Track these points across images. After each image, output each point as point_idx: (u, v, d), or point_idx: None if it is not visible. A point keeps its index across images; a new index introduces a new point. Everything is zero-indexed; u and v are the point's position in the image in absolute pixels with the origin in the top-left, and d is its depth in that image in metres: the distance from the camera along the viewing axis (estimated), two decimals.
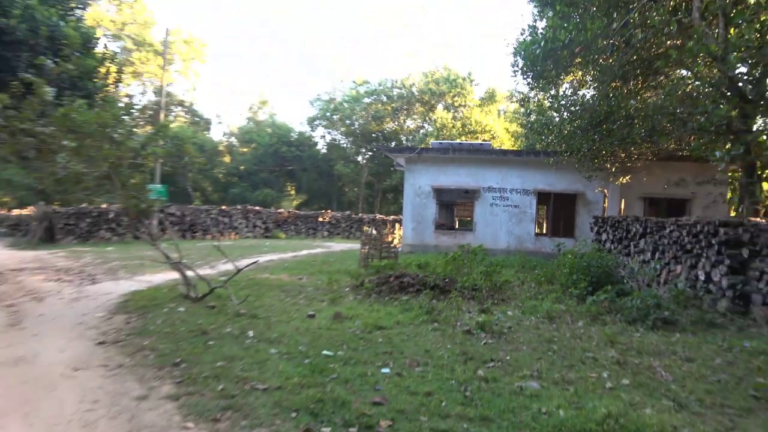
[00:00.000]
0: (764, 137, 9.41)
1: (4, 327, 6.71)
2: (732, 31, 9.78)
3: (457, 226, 23.06)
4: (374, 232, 14.20)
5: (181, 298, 8.39)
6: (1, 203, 28.95)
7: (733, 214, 15.02)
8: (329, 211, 34.63)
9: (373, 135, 44.28)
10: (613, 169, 16.36)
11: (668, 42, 12.48)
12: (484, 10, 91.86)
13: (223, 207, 28.06)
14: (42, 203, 21.13)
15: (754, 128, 10.18)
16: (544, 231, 22.53)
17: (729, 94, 9.67)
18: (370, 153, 45.09)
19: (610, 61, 13.09)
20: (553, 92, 15.97)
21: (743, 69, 9.33)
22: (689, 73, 12.22)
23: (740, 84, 9.23)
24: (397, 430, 3.61)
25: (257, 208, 29.90)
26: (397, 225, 25.10)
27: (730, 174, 15.93)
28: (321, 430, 3.56)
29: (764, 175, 10.72)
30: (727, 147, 9.63)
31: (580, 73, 15.72)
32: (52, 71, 9.05)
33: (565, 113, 15.55)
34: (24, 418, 3.78)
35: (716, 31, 9.86)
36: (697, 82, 11.33)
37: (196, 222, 25.94)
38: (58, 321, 7.07)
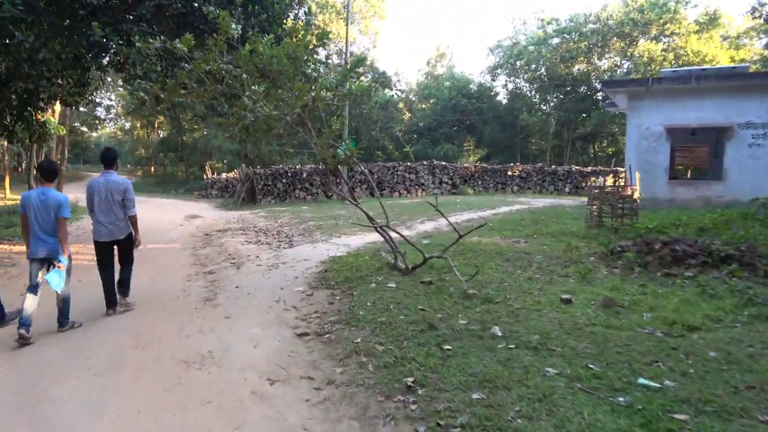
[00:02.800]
0: None
1: (200, 302, 5.77)
2: None
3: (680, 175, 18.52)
4: (608, 183, 11.25)
5: (388, 268, 6.81)
6: (213, 168, 31.86)
7: None
8: (518, 164, 31.50)
9: (562, 79, 39.03)
10: None
11: None
12: None
13: (409, 163, 26.85)
14: (244, 166, 22.11)
15: None
16: None
17: None
18: (555, 99, 40.06)
19: None
20: None
21: None
22: None
23: None
24: None
25: (443, 163, 28.18)
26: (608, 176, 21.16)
27: None
28: None
29: None
30: None
31: None
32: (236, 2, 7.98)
33: None
34: None
35: None
36: None
37: (383, 179, 25.24)
38: (254, 297, 5.93)
